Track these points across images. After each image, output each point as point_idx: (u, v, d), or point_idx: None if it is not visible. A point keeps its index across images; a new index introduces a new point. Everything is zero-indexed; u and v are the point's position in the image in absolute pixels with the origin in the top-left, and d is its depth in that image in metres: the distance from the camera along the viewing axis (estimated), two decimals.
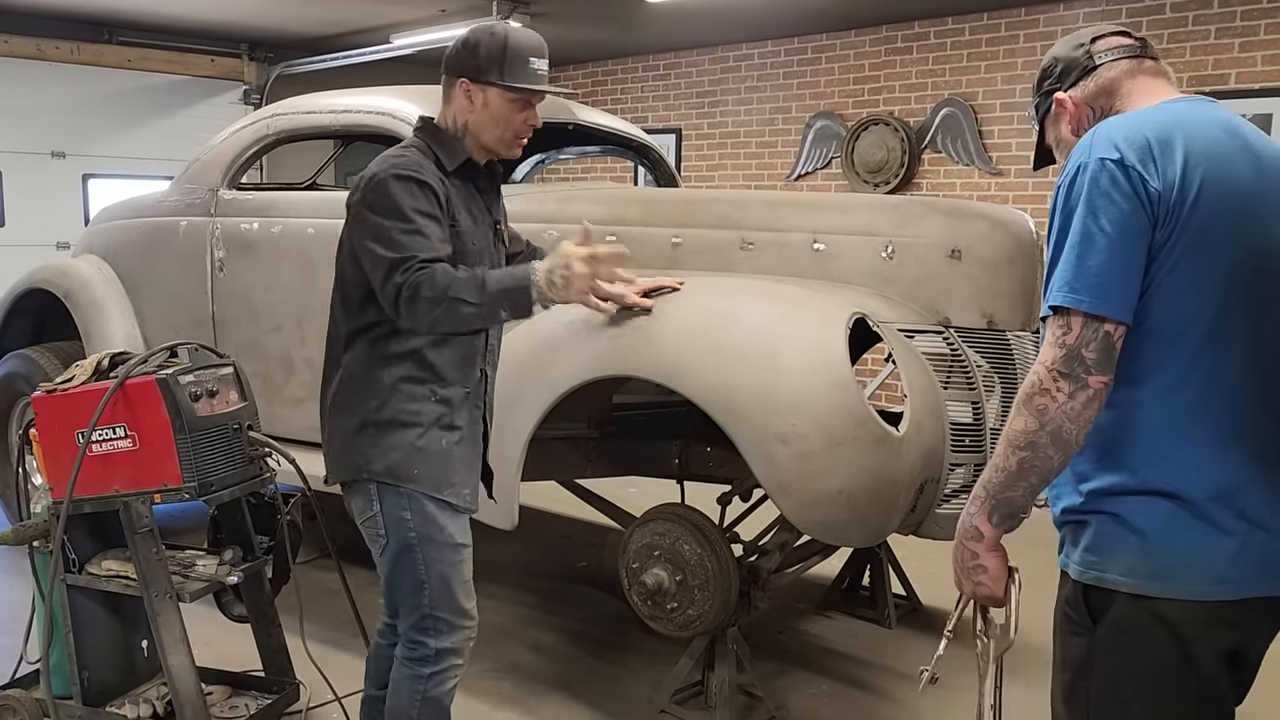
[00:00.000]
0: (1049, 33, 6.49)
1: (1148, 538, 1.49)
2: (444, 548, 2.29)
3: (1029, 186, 6.66)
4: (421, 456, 2.25)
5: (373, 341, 2.26)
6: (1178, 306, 1.48)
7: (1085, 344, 1.47)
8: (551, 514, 5.20)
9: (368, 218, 2.17)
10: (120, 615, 2.92)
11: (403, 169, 2.17)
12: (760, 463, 2.54)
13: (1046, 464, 1.52)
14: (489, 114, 2.25)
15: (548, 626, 3.88)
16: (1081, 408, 1.48)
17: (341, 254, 2.29)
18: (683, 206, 3.42)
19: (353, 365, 2.27)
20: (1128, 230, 1.46)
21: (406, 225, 2.13)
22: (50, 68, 7.33)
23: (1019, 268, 2.97)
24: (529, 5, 6.68)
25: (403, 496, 2.26)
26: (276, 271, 3.90)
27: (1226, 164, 1.50)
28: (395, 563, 2.30)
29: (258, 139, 4.12)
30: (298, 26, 7.66)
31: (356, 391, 2.26)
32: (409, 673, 2.33)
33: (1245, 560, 1.47)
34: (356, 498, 2.32)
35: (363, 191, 2.19)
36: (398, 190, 2.15)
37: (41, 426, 2.78)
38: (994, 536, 1.62)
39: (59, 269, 4.66)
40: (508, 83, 2.22)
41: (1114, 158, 1.48)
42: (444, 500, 2.28)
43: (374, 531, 2.31)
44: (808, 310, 2.71)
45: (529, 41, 2.26)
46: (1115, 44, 1.70)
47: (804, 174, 7.72)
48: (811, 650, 3.74)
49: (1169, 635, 1.49)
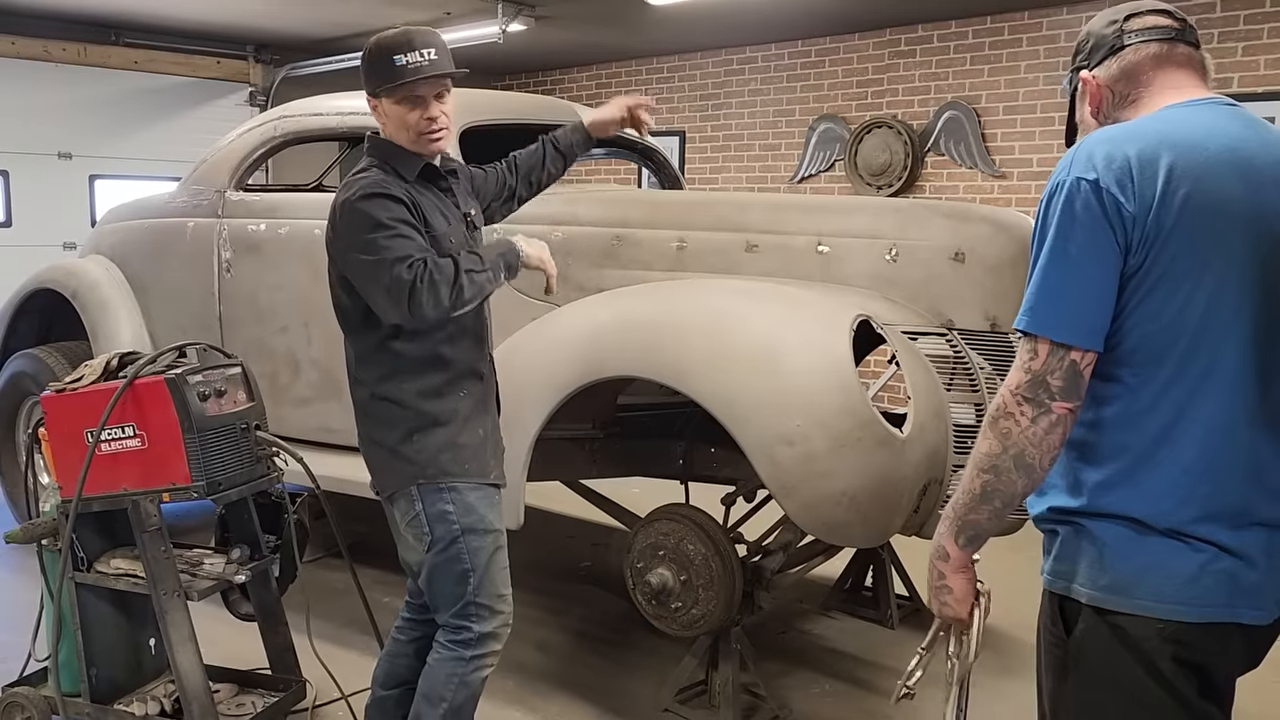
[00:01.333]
0: (1052, 36, 6.51)
1: (1107, 549, 1.47)
2: (484, 535, 2.37)
3: (1032, 189, 6.67)
4: (463, 450, 2.34)
5: (388, 356, 2.32)
6: (1151, 334, 1.44)
7: (1051, 371, 1.45)
8: (555, 514, 5.22)
9: (349, 240, 2.23)
10: (128, 613, 2.94)
11: (368, 189, 2.23)
12: (764, 463, 2.56)
13: (1010, 487, 1.50)
14: (392, 122, 2.33)
15: (552, 626, 3.90)
16: (1044, 433, 1.46)
17: (334, 290, 2.36)
18: (687, 209, 3.44)
19: (375, 383, 2.34)
20: (1099, 256, 1.42)
21: (389, 232, 2.19)
22: (57, 69, 7.35)
23: (1022, 270, 2.95)
24: (533, 8, 6.70)
25: (443, 491, 2.33)
26: (283, 272, 3.92)
27: (1214, 183, 1.43)
28: (441, 557, 2.35)
29: (265, 141, 4.14)
30: (303, 28, 7.68)
31: (387, 406, 2.32)
32: (450, 654, 2.38)
33: (1207, 583, 1.43)
34: (399, 503, 2.37)
35: (338, 221, 2.26)
36: (370, 208, 2.21)
37: (51, 426, 2.80)
38: (960, 558, 1.60)
39: (66, 269, 4.69)
40: (384, 87, 2.28)
41: (1090, 178, 1.43)
42: (490, 484, 2.38)
43: (419, 531, 2.35)
44: (812, 312, 2.73)
45: (394, 39, 2.28)
46: (1149, 24, 1.60)
47: (807, 176, 7.74)
48: (814, 650, 3.76)
49: (1130, 651, 1.46)
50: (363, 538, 4.48)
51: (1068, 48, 6.40)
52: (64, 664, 2.86)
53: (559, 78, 9.38)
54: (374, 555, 4.22)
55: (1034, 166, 6.67)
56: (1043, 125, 6.60)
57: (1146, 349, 1.45)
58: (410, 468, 2.32)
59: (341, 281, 2.32)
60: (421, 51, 2.27)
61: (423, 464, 2.31)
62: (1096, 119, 1.64)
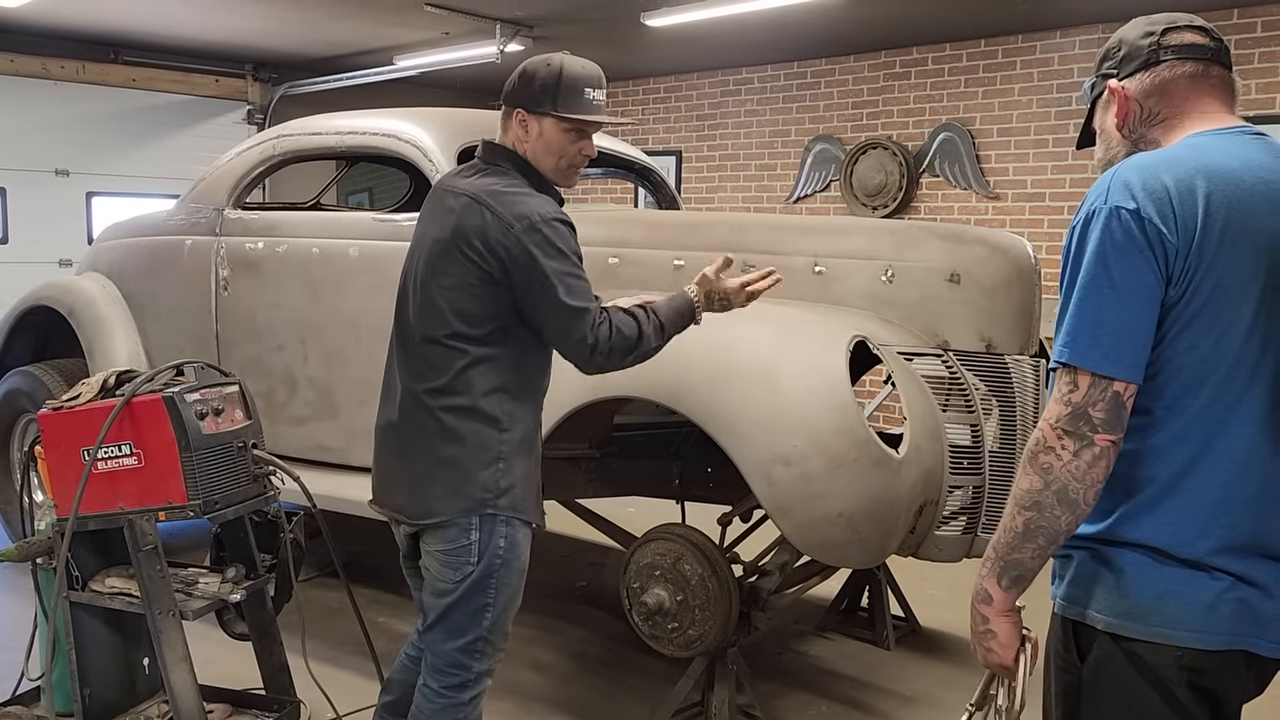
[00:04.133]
0: (1046, 59, 6.56)
1: (1125, 576, 1.46)
2: (518, 573, 2.30)
3: (1026, 211, 6.71)
4: (530, 485, 2.30)
5: (498, 370, 2.22)
6: (1187, 365, 1.42)
7: (1093, 403, 1.41)
8: (550, 533, 5.20)
9: (539, 261, 2.13)
10: (122, 632, 2.93)
11: (560, 214, 2.20)
12: (761, 483, 2.57)
13: (1054, 524, 1.44)
14: (544, 143, 2.27)
15: (548, 646, 3.89)
16: (1088, 466, 1.41)
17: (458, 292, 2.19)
18: (685, 229, 3.46)
19: (481, 395, 2.21)
20: (1140, 286, 1.39)
21: (575, 269, 2.16)
22: (56, 86, 7.37)
23: (1017, 292, 3.00)
24: (531, 29, 6.75)
25: (503, 524, 2.24)
26: (281, 291, 3.93)
27: (1250, 216, 1.41)
28: (471, 589, 2.25)
29: (263, 159, 4.16)
30: (302, 47, 7.72)
31: (485, 424, 2.21)
32: (445, 703, 2.29)
33: (1225, 611, 1.42)
34: (447, 530, 2.24)
35: (525, 233, 2.14)
36: (568, 235, 2.18)
37: (47, 443, 2.80)
38: (1004, 600, 1.52)
39: (63, 286, 4.69)
40: (561, 113, 2.25)
41: (1129, 208, 1.40)
42: (535, 526, 2.32)
43: (461, 560, 2.23)
44: (809, 333, 2.74)
45: (585, 72, 2.29)
46: (1187, 41, 1.55)
47: (803, 197, 7.78)
48: (810, 671, 3.75)
49: (1146, 678, 1.45)
50: (358, 557, 4.47)
51: (1062, 70, 6.47)
52: (57, 683, 2.84)
53: None
54: (370, 574, 4.21)
55: (1028, 188, 6.71)
56: (1036, 147, 6.64)
57: (1182, 380, 1.43)
58: (483, 494, 2.21)
59: (480, 288, 2.17)
60: (601, 92, 2.31)
61: (497, 492, 2.22)
62: (1121, 132, 1.61)
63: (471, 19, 6.42)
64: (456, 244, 2.17)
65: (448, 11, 6.21)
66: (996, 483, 2.82)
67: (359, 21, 6.72)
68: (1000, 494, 2.81)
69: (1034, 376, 2.98)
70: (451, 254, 2.18)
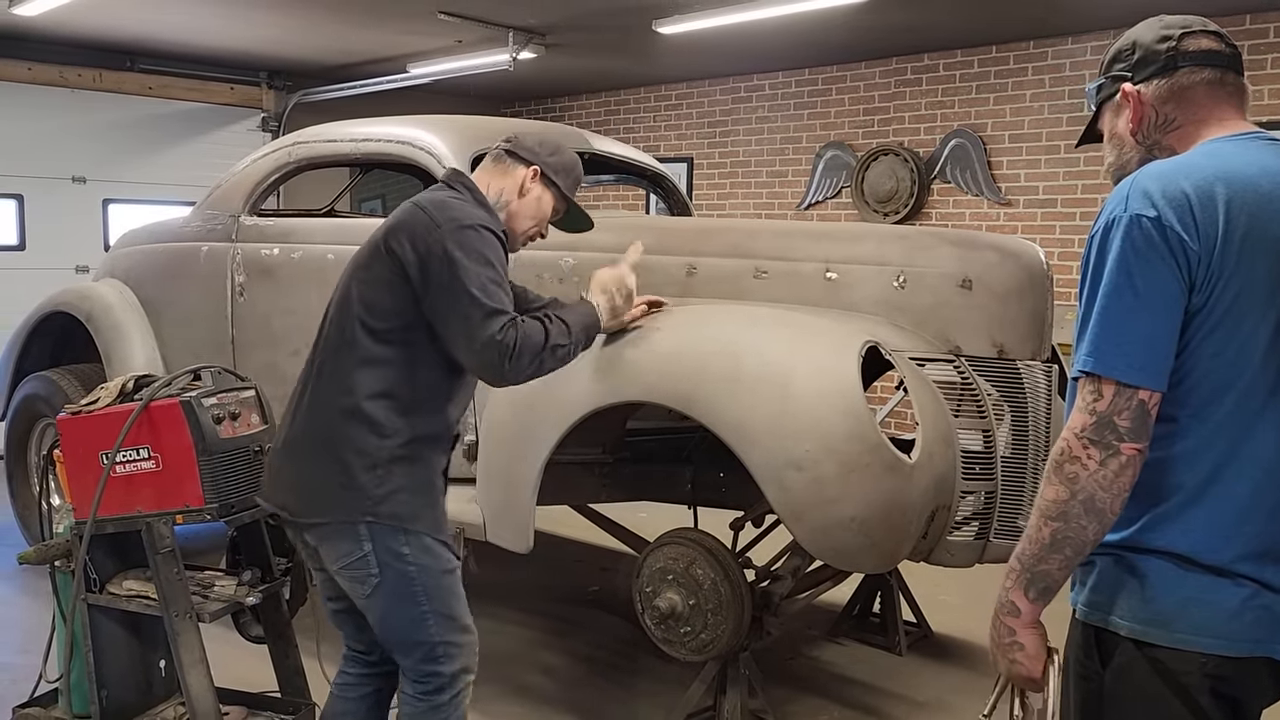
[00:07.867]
0: (1057, 65, 6.56)
1: (1149, 582, 1.45)
2: (442, 575, 2.28)
3: (1038, 217, 6.70)
4: (424, 497, 2.26)
5: (386, 375, 2.22)
6: (1211, 372, 1.41)
7: (1118, 411, 1.40)
8: (562, 538, 5.22)
9: (453, 257, 2.15)
10: (139, 635, 2.95)
11: (488, 222, 2.25)
12: (774, 488, 2.57)
13: (1080, 534, 1.43)
14: (537, 207, 2.41)
15: (559, 650, 3.90)
16: (1114, 475, 1.41)
17: (369, 286, 2.23)
18: (697, 235, 3.47)
19: (363, 399, 2.21)
20: (1163, 294, 1.39)
21: (494, 275, 2.19)
22: (72, 94, 7.44)
23: (1029, 298, 3.00)
24: (544, 37, 6.78)
25: (399, 533, 2.21)
26: (296, 296, 3.95)
27: (1270, 222, 1.41)
28: (391, 599, 2.23)
29: (279, 166, 4.19)
30: (316, 55, 7.77)
31: (366, 427, 2.20)
32: (426, 705, 2.29)
33: (1249, 618, 1.42)
34: (339, 540, 2.22)
35: (450, 233, 2.17)
36: (489, 242, 2.22)
37: (66, 448, 2.82)
38: (1031, 612, 1.50)
39: (81, 292, 4.73)
40: (566, 193, 2.47)
41: (1150, 215, 1.39)
42: (434, 537, 2.28)
43: (363, 572, 2.22)
44: (821, 338, 2.75)
45: (580, 171, 2.52)
46: (1205, 48, 1.54)
47: (814, 203, 7.79)
48: (822, 676, 3.75)
49: (1169, 685, 1.44)
50: None
51: (1073, 76, 6.47)
52: (75, 685, 2.86)
53: (568, 104, 9.46)
54: None
55: (1039, 194, 6.71)
56: (1048, 153, 6.64)
57: (1207, 387, 1.42)
58: (363, 501, 2.18)
59: (392, 282, 2.20)
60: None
61: (375, 500, 2.19)
62: (1135, 138, 1.59)
63: (484, 27, 6.46)
64: (385, 240, 2.24)
65: (461, 19, 6.25)
66: (1009, 488, 2.82)
67: (373, 30, 6.77)
68: (1012, 500, 2.81)
69: (1046, 382, 2.98)
70: (378, 249, 2.24)
